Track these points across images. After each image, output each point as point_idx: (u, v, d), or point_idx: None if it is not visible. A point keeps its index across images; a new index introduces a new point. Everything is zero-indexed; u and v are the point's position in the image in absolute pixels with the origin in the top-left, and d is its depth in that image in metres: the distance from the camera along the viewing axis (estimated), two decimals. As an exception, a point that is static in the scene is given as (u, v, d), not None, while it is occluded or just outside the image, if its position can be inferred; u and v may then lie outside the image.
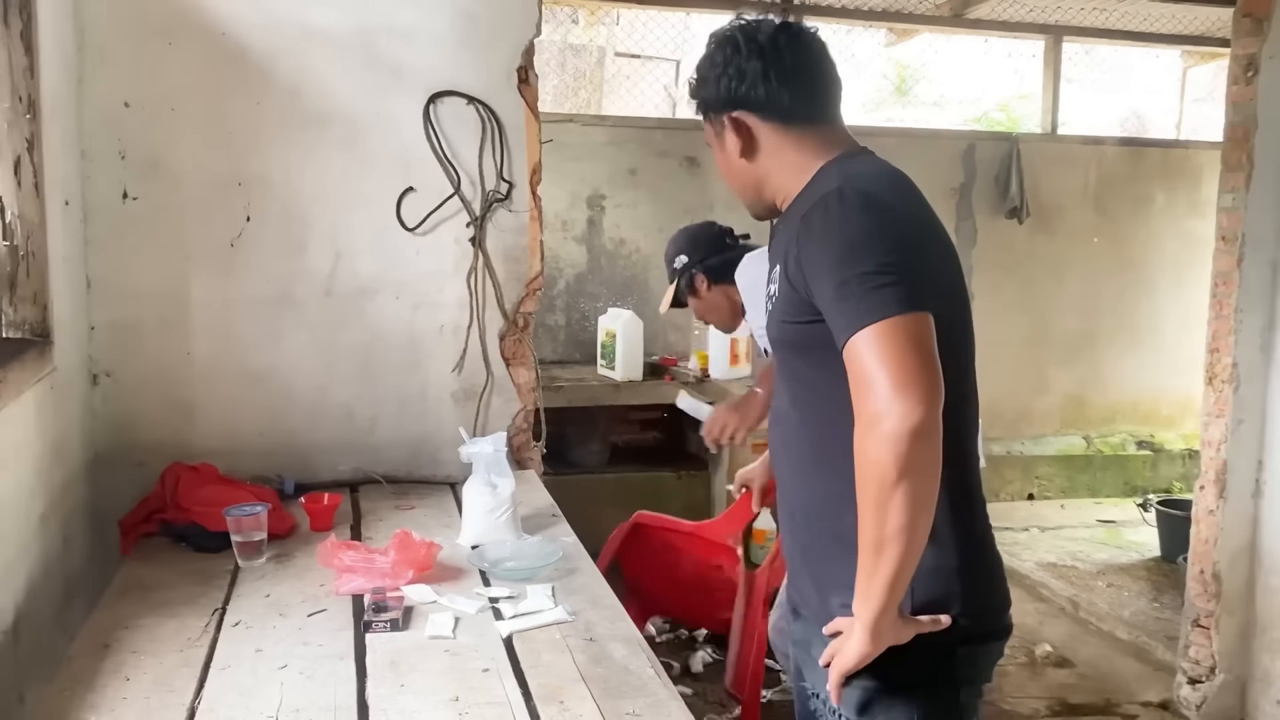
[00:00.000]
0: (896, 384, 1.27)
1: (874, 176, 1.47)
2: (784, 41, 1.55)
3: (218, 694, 1.56)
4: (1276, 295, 3.32)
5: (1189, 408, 6.33)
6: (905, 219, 1.42)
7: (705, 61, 1.58)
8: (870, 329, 1.30)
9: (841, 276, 1.33)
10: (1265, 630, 3.37)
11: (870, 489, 1.30)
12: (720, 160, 1.64)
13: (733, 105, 1.55)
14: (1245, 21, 3.31)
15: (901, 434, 1.26)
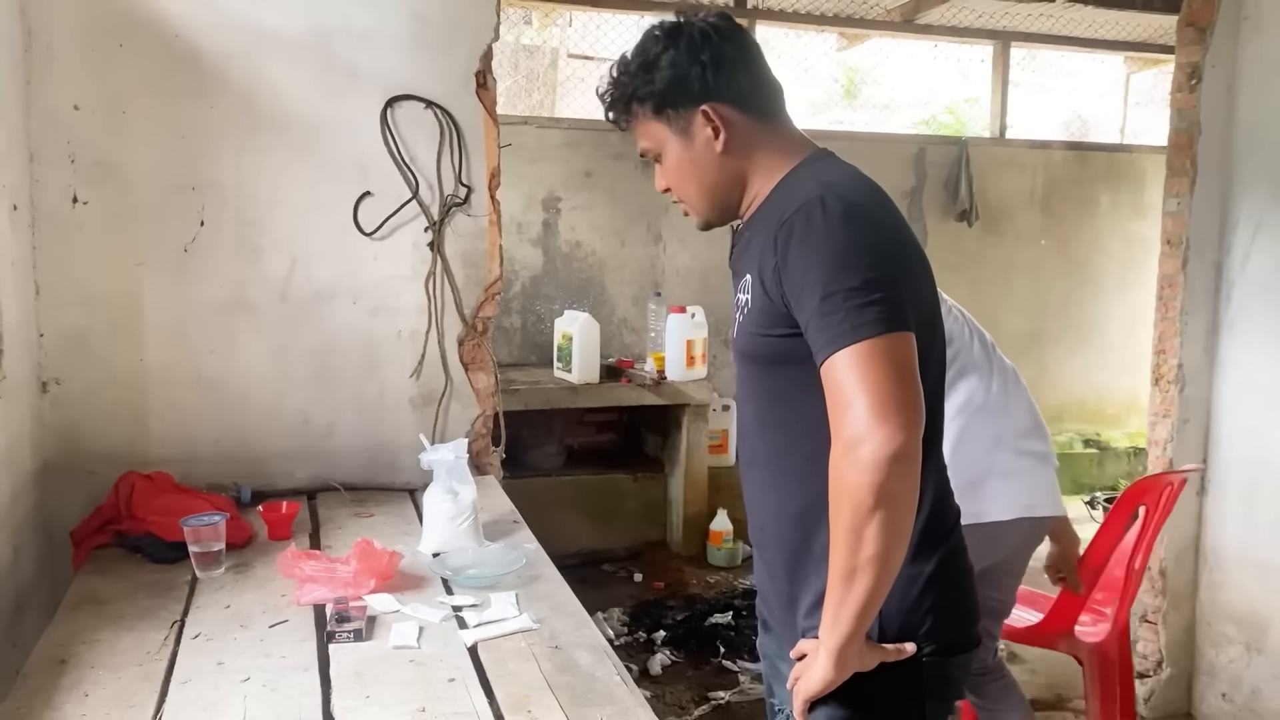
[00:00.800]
0: (878, 408, 1.25)
1: (852, 184, 1.45)
2: (737, 34, 1.53)
3: (179, 708, 1.54)
4: (1220, 298, 3.41)
5: (1134, 406, 6.47)
6: (888, 231, 1.41)
7: (658, 54, 1.49)
8: (853, 349, 1.28)
9: (826, 291, 1.31)
10: (1210, 625, 3.46)
11: (845, 514, 1.28)
12: (678, 164, 1.54)
13: (707, 96, 1.48)
14: (1188, 31, 3.39)
15: (881, 460, 1.24)
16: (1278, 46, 3.21)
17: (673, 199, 1.60)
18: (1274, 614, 3.25)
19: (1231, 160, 3.36)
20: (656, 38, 1.50)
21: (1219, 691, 3.44)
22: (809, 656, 1.39)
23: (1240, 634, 3.36)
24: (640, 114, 1.53)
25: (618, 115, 1.56)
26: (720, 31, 1.50)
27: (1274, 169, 3.23)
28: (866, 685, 1.39)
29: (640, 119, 1.54)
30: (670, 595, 4.35)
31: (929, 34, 6.43)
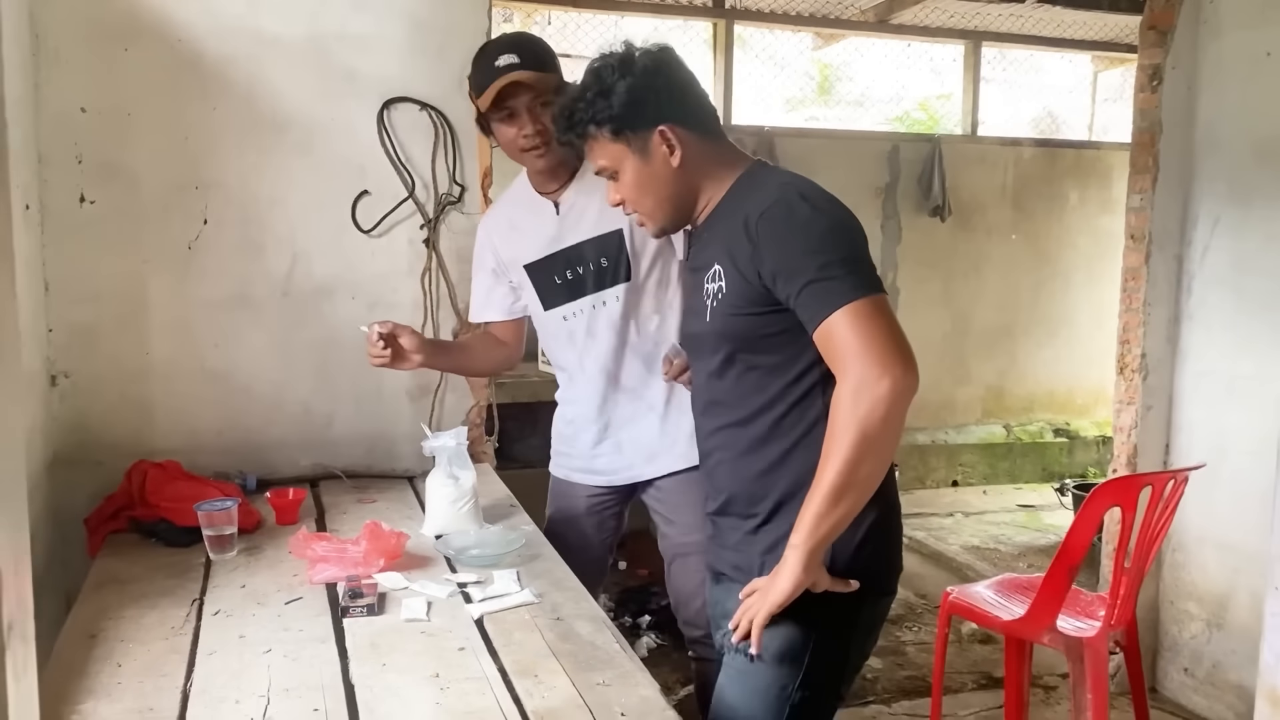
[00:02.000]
0: (889, 351, 1.46)
1: (806, 180, 1.66)
2: (680, 61, 1.74)
3: (208, 677, 1.64)
4: (1181, 290, 3.56)
5: (1102, 396, 6.65)
6: (852, 219, 1.62)
7: (615, 82, 1.66)
8: (853, 305, 1.48)
9: (819, 262, 1.51)
10: (1172, 602, 3.62)
11: (850, 438, 1.46)
12: (636, 181, 1.72)
13: (662, 118, 1.67)
14: (1151, 34, 3.54)
15: (897, 394, 1.45)
16: (1235, 49, 3.36)
17: (627, 211, 1.79)
18: (1233, 591, 3.40)
19: (1192, 158, 3.51)
20: (611, 68, 1.68)
21: (1181, 666, 3.60)
22: (774, 570, 1.56)
23: (1201, 611, 3.52)
24: (598, 136, 1.71)
25: (575, 140, 1.74)
26: (666, 61, 1.70)
27: (1232, 167, 3.38)
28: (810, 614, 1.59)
29: (598, 141, 1.72)
30: (654, 581, 4.47)
31: (902, 34, 6.58)
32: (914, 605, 4.57)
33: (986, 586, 3.29)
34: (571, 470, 2.55)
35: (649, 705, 1.55)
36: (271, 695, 1.58)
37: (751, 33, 6.62)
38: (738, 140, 5.94)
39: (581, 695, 1.57)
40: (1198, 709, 3.52)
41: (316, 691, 1.59)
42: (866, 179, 6.33)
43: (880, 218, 6.40)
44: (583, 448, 2.49)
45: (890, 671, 3.86)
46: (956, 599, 3.19)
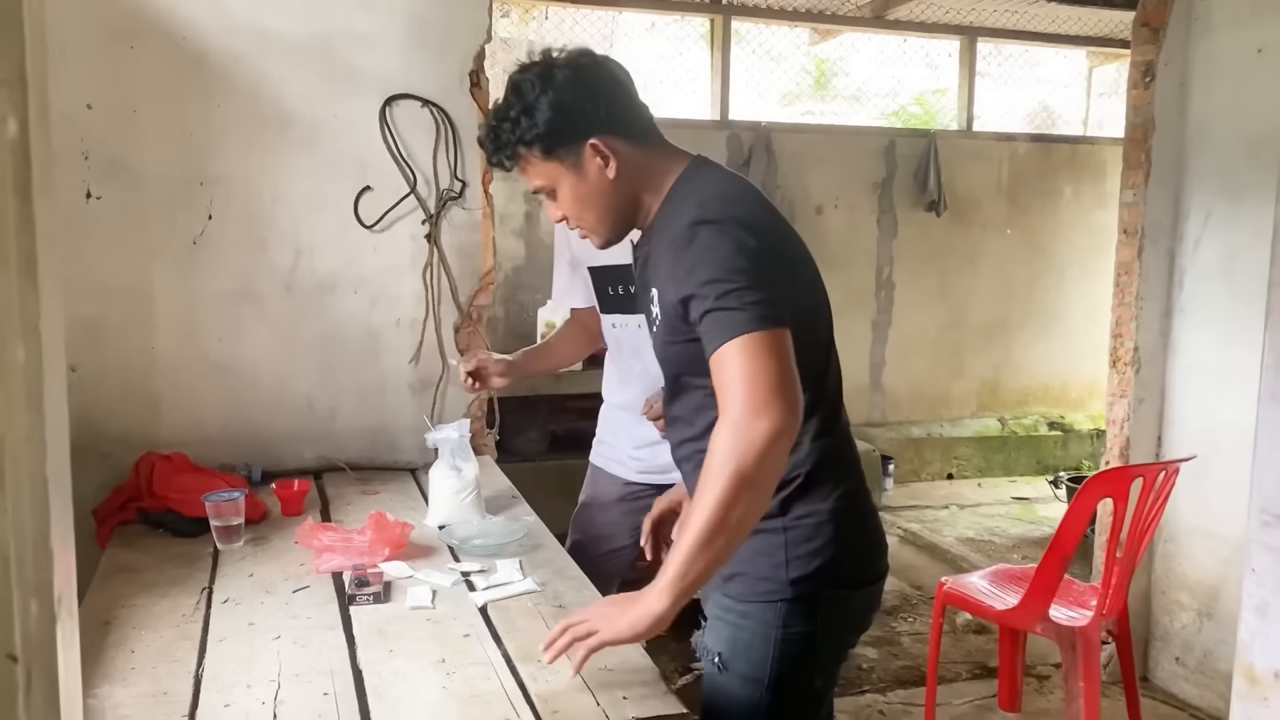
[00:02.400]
0: (769, 391, 1.42)
1: (726, 196, 1.59)
2: (605, 65, 1.65)
3: (220, 662, 1.68)
4: (1173, 284, 3.60)
5: (1096, 390, 6.69)
6: (761, 236, 1.54)
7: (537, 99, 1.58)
8: (741, 339, 1.44)
9: (718, 290, 1.46)
10: (1164, 593, 3.66)
11: (725, 480, 1.41)
12: (574, 196, 1.65)
13: (592, 131, 1.59)
14: (1143, 30, 3.58)
15: (772, 436, 1.40)
16: (1226, 46, 3.40)
17: (570, 226, 1.73)
18: (1223, 582, 3.45)
19: (1184, 153, 3.55)
20: (531, 83, 1.60)
21: (1172, 656, 3.64)
22: (623, 601, 1.52)
23: (1192, 601, 3.57)
24: (529, 157, 1.63)
25: (505, 162, 1.67)
26: (588, 69, 1.62)
27: (1223, 162, 3.42)
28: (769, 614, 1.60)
29: (530, 161, 1.64)
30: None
31: (898, 29, 6.60)
32: (909, 596, 4.62)
33: (981, 577, 3.34)
34: (610, 460, 2.60)
35: (650, 689, 1.59)
36: (282, 680, 1.62)
37: (748, 27, 6.65)
38: (733, 136, 5.98)
39: (584, 679, 1.61)
40: (1188, 698, 3.56)
41: (326, 676, 1.63)
42: (863, 174, 6.37)
43: (876, 212, 6.44)
44: (624, 445, 2.54)
45: (885, 661, 3.91)
46: (951, 589, 3.24)
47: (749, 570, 1.62)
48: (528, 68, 1.62)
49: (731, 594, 1.65)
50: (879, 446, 6.14)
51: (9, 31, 0.55)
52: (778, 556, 1.60)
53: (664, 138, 1.71)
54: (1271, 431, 1.06)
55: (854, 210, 6.37)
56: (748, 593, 1.62)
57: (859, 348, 6.52)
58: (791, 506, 1.60)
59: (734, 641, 1.64)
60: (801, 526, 1.61)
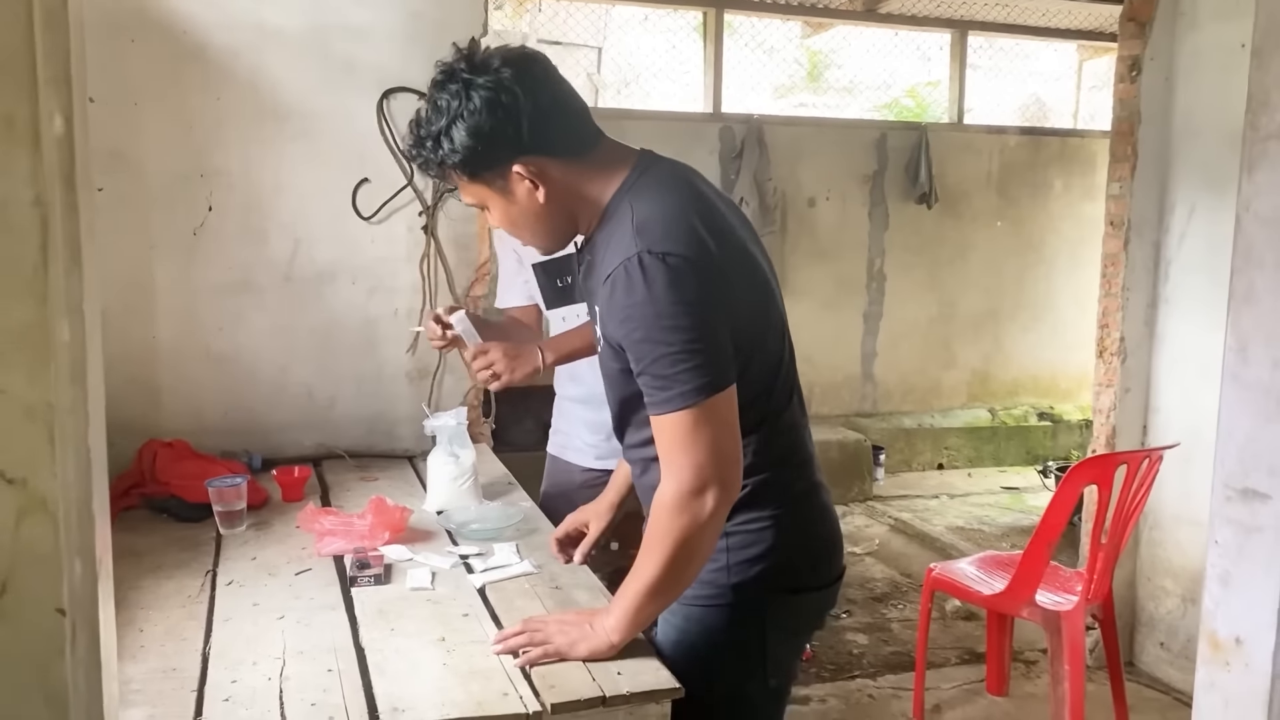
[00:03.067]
0: (706, 471, 1.46)
1: (670, 214, 1.50)
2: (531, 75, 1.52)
3: (226, 641, 1.73)
4: (1159, 275, 3.66)
5: (1085, 380, 6.74)
6: (701, 271, 1.46)
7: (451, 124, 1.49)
8: (680, 414, 1.45)
9: (651, 355, 1.45)
10: (1149, 579, 3.73)
11: (669, 547, 1.50)
12: (506, 217, 1.60)
13: (515, 154, 1.51)
14: (1130, 25, 3.63)
15: (716, 508, 1.48)
16: (1211, 41, 3.45)
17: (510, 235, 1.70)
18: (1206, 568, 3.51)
19: (1169, 147, 3.61)
20: (448, 103, 1.49)
21: (1157, 641, 3.71)
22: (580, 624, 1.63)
23: (1177, 587, 3.63)
24: (457, 177, 1.57)
25: (435, 178, 1.63)
26: (509, 85, 1.48)
27: (1208, 155, 3.47)
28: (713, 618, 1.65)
29: (458, 179, 1.57)
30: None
31: (890, 22, 6.66)
32: (899, 584, 4.69)
33: (969, 563, 3.40)
34: (566, 449, 2.64)
35: (643, 665, 1.64)
36: (287, 657, 1.67)
37: (740, 20, 6.70)
38: (726, 129, 5.99)
39: (580, 656, 1.67)
40: (1173, 682, 3.63)
41: (329, 654, 1.68)
42: (855, 166, 6.42)
43: (868, 205, 6.49)
44: (580, 433, 2.59)
45: (875, 647, 3.97)
46: (939, 575, 3.30)
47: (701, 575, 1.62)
48: (447, 80, 1.51)
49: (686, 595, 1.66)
50: (870, 437, 6.20)
51: (56, 34, 0.60)
52: (719, 561, 1.62)
53: (603, 138, 1.61)
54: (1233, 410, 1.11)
55: (846, 202, 6.42)
56: (692, 597, 1.64)
57: (850, 339, 6.58)
58: (735, 514, 1.58)
59: (679, 645, 1.69)
60: (742, 533, 1.62)
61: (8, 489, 0.61)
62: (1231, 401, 1.12)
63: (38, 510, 0.61)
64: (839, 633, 4.08)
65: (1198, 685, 1.29)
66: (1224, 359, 1.13)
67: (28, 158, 0.59)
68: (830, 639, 4.00)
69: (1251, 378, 1.09)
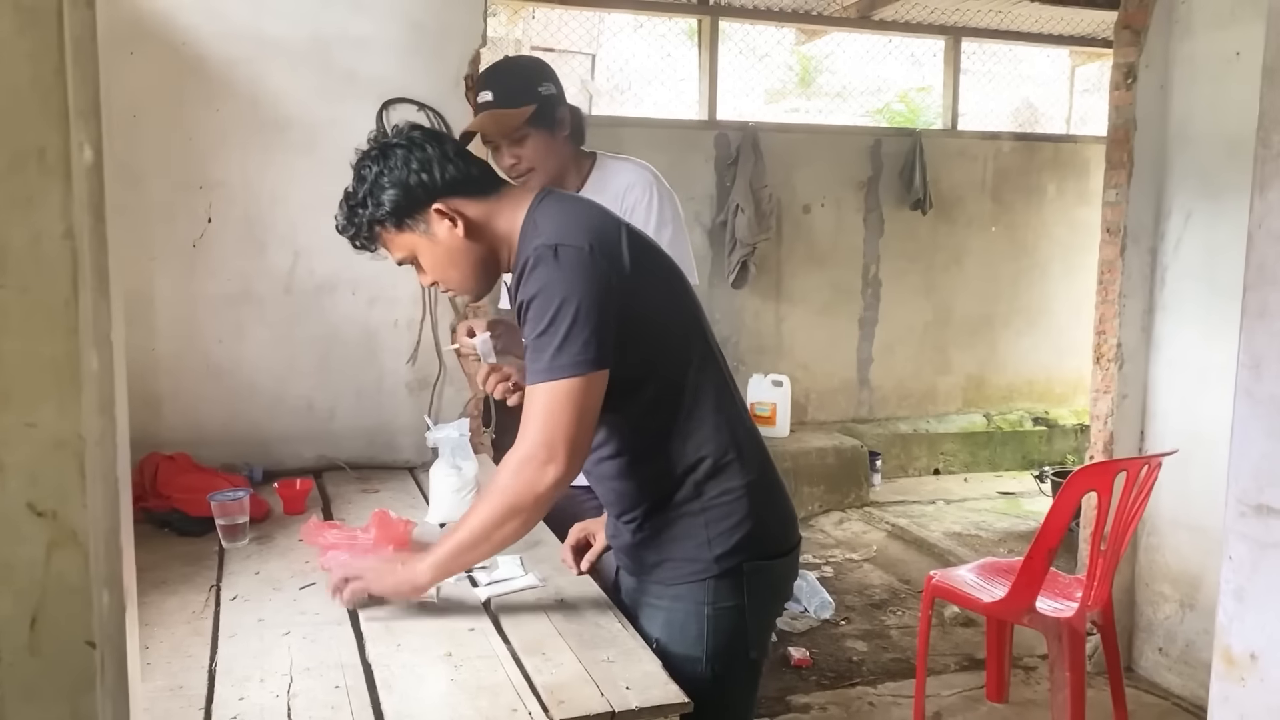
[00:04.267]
0: (559, 440, 1.59)
1: (564, 227, 1.67)
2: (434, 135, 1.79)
3: (232, 657, 1.72)
4: (1155, 282, 3.67)
5: (1080, 385, 6.78)
6: (593, 265, 1.62)
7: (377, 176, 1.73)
8: (547, 386, 1.60)
9: (538, 330, 1.60)
10: (1147, 584, 3.74)
11: (499, 503, 1.65)
12: (434, 260, 1.77)
13: (433, 196, 1.72)
14: (1125, 33, 3.65)
15: (551, 484, 1.61)
16: (1206, 49, 3.47)
17: (441, 290, 1.88)
18: (1205, 573, 3.52)
19: (1165, 154, 3.62)
20: (369, 166, 1.75)
21: (1155, 646, 3.72)
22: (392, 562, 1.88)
23: (1175, 592, 3.64)
24: (385, 233, 1.78)
25: (364, 244, 1.81)
26: (419, 142, 1.75)
27: (1203, 162, 3.49)
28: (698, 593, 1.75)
29: (386, 236, 1.78)
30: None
31: (884, 29, 6.68)
32: (897, 590, 4.69)
33: (968, 570, 3.41)
34: None
35: (651, 679, 1.64)
36: (294, 674, 1.66)
37: (734, 26, 6.71)
38: (721, 136, 6.02)
39: (588, 670, 1.66)
40: (1171, 687, 3.64)
41: (336, 670, 1.68)
42: (849, 173, 6.44)
43: (863, 211, 6.50)
44: None
45: (875, 654, 3.97)
46: (939, 582, 3.30)
47: (675, 554, 1.77)
48: (366, 154, 1.77)
49: (661, 579, 1.80)
50: (866, 442, 6.21)
51: (85, 64, 0.60)
52: (700, 536, 1.74)
53: (505, 183, 1.83)
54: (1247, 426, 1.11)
55: (841, 209, 6.44)
56: (676, 576, 1.77)
57: (846, 345, 6.59)
58: (704, 489, 1.74)
59: (669, 625, 1.78)
60: (719, 505, 1.74)
61: (38, 522, 0.61)
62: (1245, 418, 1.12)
63: (68, 543, 0.61)
64: (838, 640, 4.08)
65: (1212, 700, 1.29)
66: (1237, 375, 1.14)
67: (60, 190, 0.59)
68: (830, 646, 4.01)
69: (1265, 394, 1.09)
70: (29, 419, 0.60)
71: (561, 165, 2.43)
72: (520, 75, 2.41)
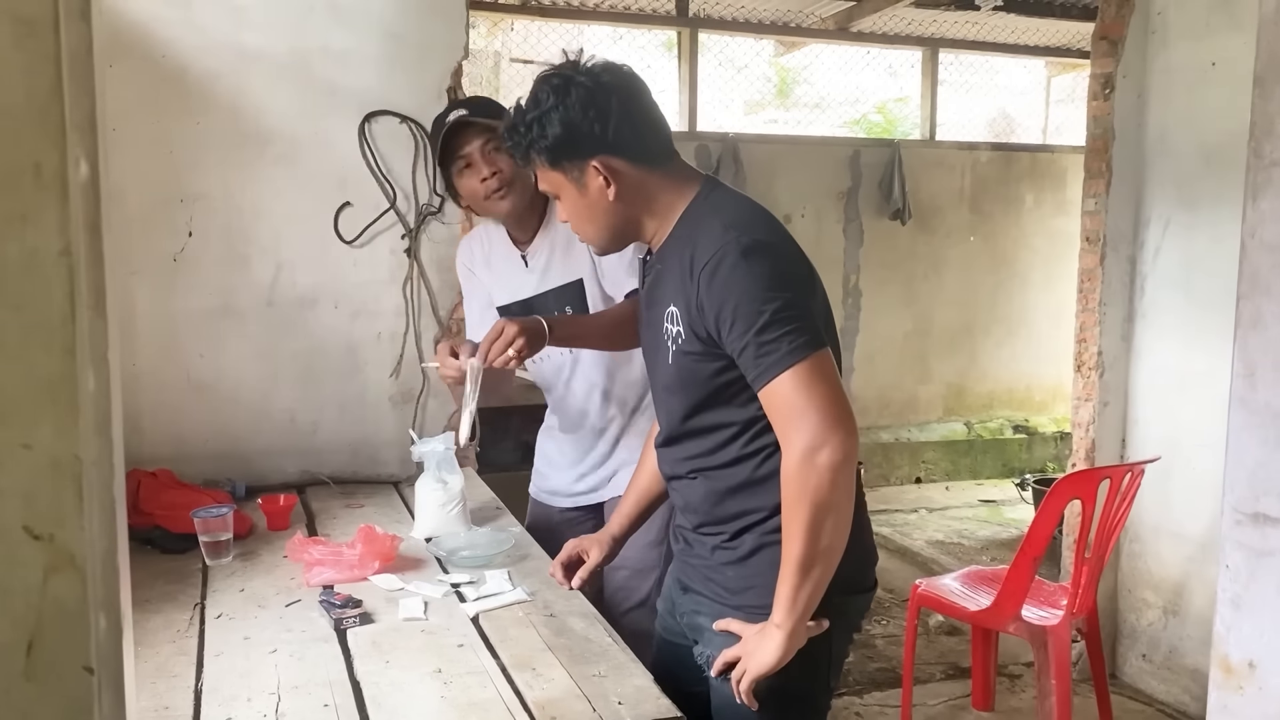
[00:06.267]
0: (829, 418, 1.49)
1: (751, 219, 1.63)
2: (625, 85, 1.65)
3: (218, 677, 1.70)
4: (1135, 290, 3.70)
5: (1059, 393, 6.82)
6: (791, 260, 1.60)
7: (549, 111, 1.61)
8: (793, 370, 1.50)
9: (754, 324, 1.51)
10: (1130, 591, 3.75)
11: (805, 512, 1.50)
12: (576, 208, 1.70)
13: (597, 150, 1.62)
14: (1102, 44, 3.68)
15: (838, 463, 1.48)
16: (1182, 60, 3.50)
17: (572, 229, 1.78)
18: (1187, 579, 3.54)
19: (1143, 163, 3.65)
20: (547, 94, 1.63)
21: (1139, 653, 3.73)
22: (755, 638, 1.59)
23: (1157, 599, 3.66)
24: (538, 162, 1.68)
25: (520, 160, 1.73)
26: (606, 86, 1.63)
27: (1181, 171, 3.52)
28: None
29: (538, 166, 1.69)
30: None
31: (862, 41, 6.72)
32: (881, 599, 4.69)
33: (954, 579, 3.41)
34: (545, 492, 2.63)
35: (643, 694, 1.63)
36: (282, 693, 1.64)
37: (713, 38, 6.73)
38: (701, 147, 6.01)
39: (579, 686, 1.65)
40: (1155, 693, 3.65)
41: (325, 688, 1.66)
42: (829, 183, 6.46)
43: (842, 221, 6.53)
44: (563, 479, 2.57)
45: (861, 664, 3.97)
46: (925, 591, 3.30)
47: (764, 583, 1.62)
48: (551, 75, 1.65)
49: (748, 605, 1.67)
50: (848, 452, 6.21)
51: (82, 79, 0.59)
52: None
53: (678, 157, 1.73)
54: (1242, 435, 1.12)
55: (821, 219, 6.46)
56: (765, 604, 1.61)
57: (827, 355, 6.60)
58: None
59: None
60: None
61: (34, 545, 0.59)
62: (1240, 426, 1.13)
63: (66, 566, 0.60)
64: (824, 650, 4.07)
65: (1210, 709, 1.29)
66: (1231, 384, 1.14)
67: (56, 206, 0.58)
68: (815, 657, 4.00)
69: (1260, 402, 1.10)
70: (25, 440, 0.58)
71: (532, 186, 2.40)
72: (494, 102, 2.45)
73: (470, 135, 2.32)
